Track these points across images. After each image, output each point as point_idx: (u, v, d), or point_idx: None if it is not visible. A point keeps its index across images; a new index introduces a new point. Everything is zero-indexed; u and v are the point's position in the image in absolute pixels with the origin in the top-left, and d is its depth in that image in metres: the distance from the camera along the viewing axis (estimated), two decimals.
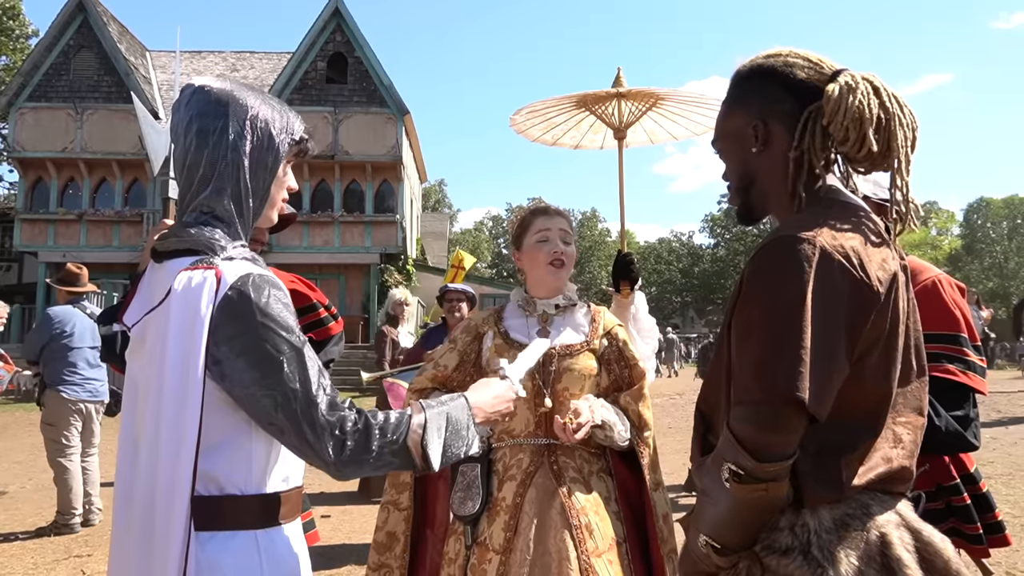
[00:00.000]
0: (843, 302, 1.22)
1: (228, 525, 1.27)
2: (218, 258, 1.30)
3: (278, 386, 1.22)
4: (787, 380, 1.17)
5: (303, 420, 1.22)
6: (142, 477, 1.27)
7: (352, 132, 22.19)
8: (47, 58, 21.93)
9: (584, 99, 3.16)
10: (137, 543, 1.27)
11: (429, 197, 54.31)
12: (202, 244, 1.32)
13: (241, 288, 1.26)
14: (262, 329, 1.24)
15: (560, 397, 2.19)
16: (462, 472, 2.20)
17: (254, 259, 1.36)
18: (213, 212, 1.35)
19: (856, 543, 1.23)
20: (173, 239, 1.36)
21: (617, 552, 2.07)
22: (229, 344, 1.23)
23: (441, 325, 5.55)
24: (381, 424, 1.27)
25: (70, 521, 5.58)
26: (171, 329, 1.25)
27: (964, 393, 2.23)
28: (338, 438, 1.23)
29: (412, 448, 1.29)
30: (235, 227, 1.37)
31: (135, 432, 1.33)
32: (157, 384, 1.26)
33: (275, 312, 1.26)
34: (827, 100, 1.31)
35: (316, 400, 1.23)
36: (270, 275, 1.33)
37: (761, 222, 1.53)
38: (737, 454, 1.21)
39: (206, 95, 1.37)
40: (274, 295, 1.28)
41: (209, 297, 1.24)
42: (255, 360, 1.23)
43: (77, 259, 19.91)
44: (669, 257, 59.91)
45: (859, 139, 1.31)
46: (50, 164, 21.79)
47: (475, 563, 2.07)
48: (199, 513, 1.24)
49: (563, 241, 2.30)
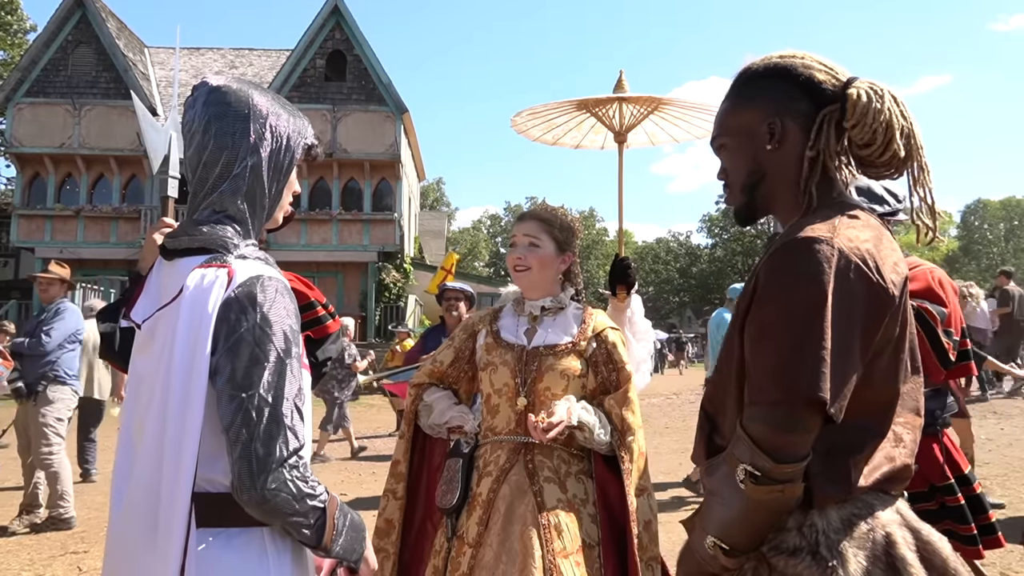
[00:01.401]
0: (860, 304, 1.23)
1: (233, 522, 1.26)
2: (231, 256, 1.31)
3: (249, 390, 1.21)
4: (808, 381, 1.17)
5: (259, 439, 1.19)
6: (144, 473, 1.27)
7: (351, 130, 22.16)
8: (45, 53, 21.87)
9: (585, 102, 3.17)
10: (136, 539, 1.27)
11: (427, 195, 54.32)
12: (215, 242, 1.32)
13: (249, 288, 1.26)
14: (257, 331, 1.24)
15: (542, 396, 2.21)
16: (447, 466, 2.27)
17: (267, 260, 1.37)
18: (226, 211, 1.36)
19: (863, 542, 1.24)
20: (185, 237, 1.36)
21: (587, 554, 2.08)
22: (224, 340, 1.23)
23: (440, 325, 5.55)
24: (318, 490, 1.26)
25: (66, 515, 5.60)
26: (180, 326, 1.25)
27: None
28: (282, 475, 1.20)
29: (328, 518, 1.27)
30: (247, 226, 1.38)
31: (134, 428, 1.34)
32: (164, 380, 1.26)
33: (275, 318, 1.26)
34: (853, 104, 1.33)
35: (283, 420, 1.22)
36: (281, 280, 1.33)
37: (758, 222, 1.53)
38: (754, 455, 1.21)
39: (225, 96, 1.37)
40: (280, 301, 1.28)
41: (219, 295, 1.25)
42: (238, 359, 1.22)
43: (74, 255, 19.93)
44: (667, 257, 59.87)
45: (884, 144, 1.33)
46: (47, 160, 21.73)
47: (454, 555, 2.13)
48: (203, 510, 1.24)
49: (531, 244, 2.30)
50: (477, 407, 2.38)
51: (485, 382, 2.30)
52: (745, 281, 1.43)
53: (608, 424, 2.20)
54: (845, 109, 1.34)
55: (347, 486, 7.36)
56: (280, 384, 1.24)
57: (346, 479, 7.77)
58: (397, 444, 2.42)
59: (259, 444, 1.19)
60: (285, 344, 1.26)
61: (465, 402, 2.43)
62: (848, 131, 1.35)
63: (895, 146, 1.33)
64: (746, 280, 1.39)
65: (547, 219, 2.34)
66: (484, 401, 2.31)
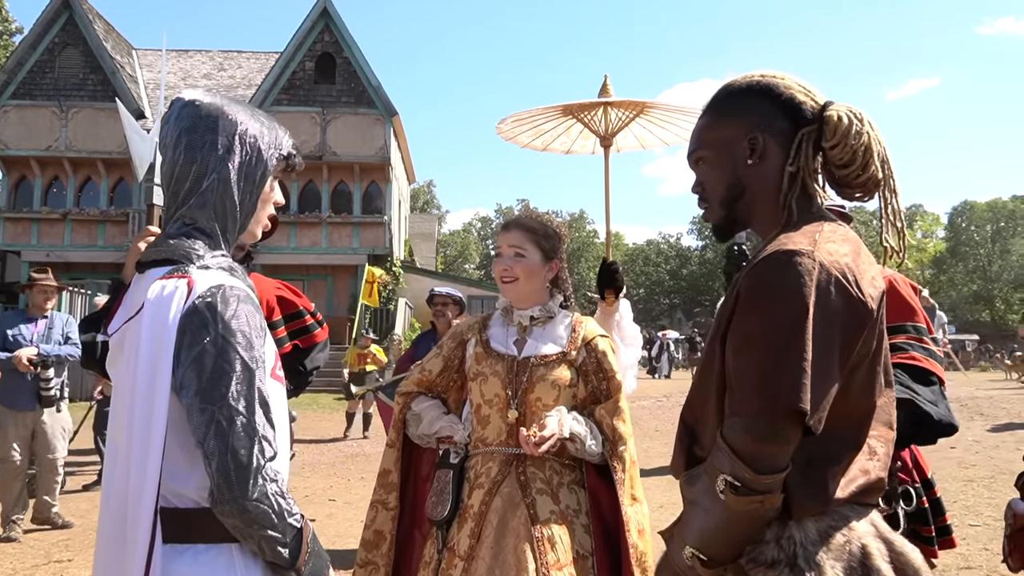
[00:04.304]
0: (840, 318, 1.24)
1: (201, 538, 1.25)
2: (193, 267, 1.30)
3: (219, 402, 1.20)
4: (789, 392, 1.18)
5: (233, 449, 1.19)
6: (115, 487, 1.28)
7: (340, 133, 22.10)
8: (31, 56, 21.69)
9: (571, 107, 3.16)
10: (107, 553, 1.28)
11: (418, 198, 54.21)
12: (179, 254, 1.32)
13: (209, 298, 1.25)
14: (220, 341, 1.23)
15: (533, 407, 2.19)
16: (437, 477, 2.25)
17: (231, 269, 1.35)
18: (195, 224, 1.36)
19: (840, 554, 1.25)
20: (153, 249, 1.37)
21: (581, 566, 2.08)
22: (187, 352, 1.22)
23: (430, 331, 5.53)
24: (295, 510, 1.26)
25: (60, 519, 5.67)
26: (142, 339, 1.25)
27: (927, 377, 2.31)
28: (263, 487, 1.20)
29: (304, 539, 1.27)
30: (217, 239, 1.37)
31: (116, 441, 1.34)
32: (131, 393, 1.26)
33: (237, 327, 1.25)
34: (836, 126, 1.36)
35: (256, 428, 1.21)
36: (243, 289, 1.32)
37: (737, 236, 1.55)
38: (734, 465, 1.21)
39: (196, 109, 1.38)
40: (242, 310, 1.27)
41: (178, 306, 1.24)
42: (203, 371, 1.21)
43: (61, 258, 19.78)
44: (657, 259, 60.08)
45: (863, 165, 1.37)
46: (34, 162, 21.56)
47: (444, 567, 2.11)
48: (169, 526, 1.23)
49: (517, 254, 2.28)
50: (466, 416, 2.37)
51: (475, 392, 2.28)
52: (725, 294, 1.45)
53: (599, 434, 2.19)
54: (823, 130, 1.38)
55: (336, 491, 7.33)
56: (249, 393, 1.23)
57: (335, 484, 7.73)
58: (386, 453, 2.39)
59: (234, 455, 1.19)
60: (250, 352, 1.25)
61: (454, 411, 2.41)
62: (827, 151, 1.38)
63: (873, 168, 1.37)
64: (726, 291, 1.40)
65: (532, 227, 2.32)
66: (474, 411, 2.29)
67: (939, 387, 2.31)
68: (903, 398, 2.20)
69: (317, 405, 14.61)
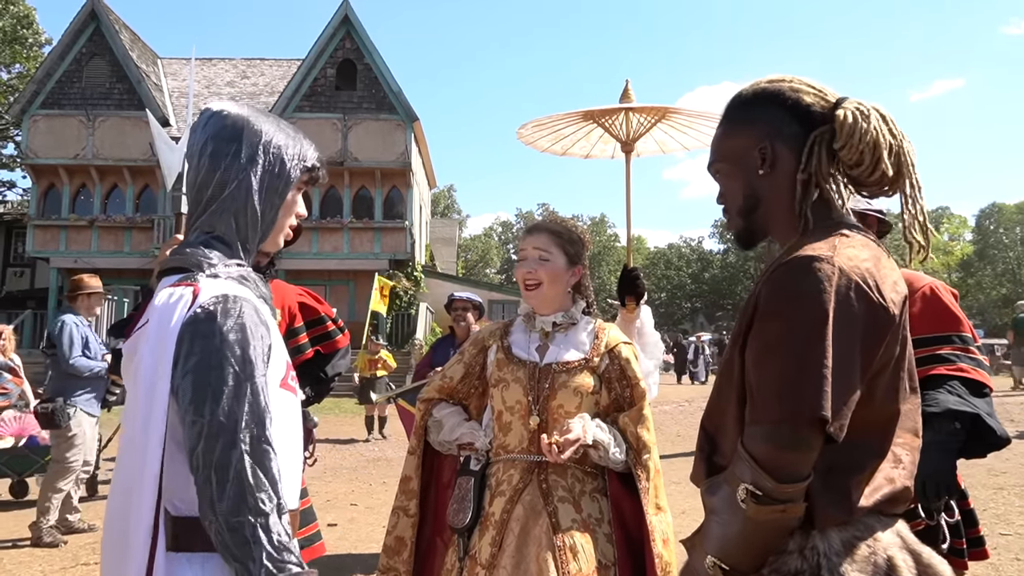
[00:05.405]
0: (861, 323, 1.23)
1: (209, 547, 1.21)
2: (202, 275, 1.30)
3: (207, 415, 1.18)
4: (811, 399, 1.17)
5: (215, 465, 1.16)
6: (118, 492, 1.29)
7: (361, 138, 22.25)
8: (60, 66, 22.11)
9: (591, 113, 3.15)
10: (111, 559, 1.29)
11: (438, 203, 54.44)
12: (192, 262, 1.32)
13: (211, 308, 1.23)
14: (216, 354, 1.20)
15: (555, 414, 2.18)
16: (458, 484, 2.24)
17: (242, 278, 1.34)
18: (214, 232, 1.37)
19: (864, 566, 1.23)
20: (170, 258, 1.38)
21: (604, 575, 2.06)
22: (184, 361, 1.21)
23: (449, 336, 5.53)
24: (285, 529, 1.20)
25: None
26: (147, 345, 1.25)
27: (979, 389, 2.27)
28: (245, 504, 1.15)
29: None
30: (236, 248, 1.37)
31: (123, 447, 1.36)
32: (134, 400, 1.27)
33: (236, 339, 1.22)
34: (841, 125, 1.33)
35: (240, 446, 1.17)
36: (251, 299, 1.30)
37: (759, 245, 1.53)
38: (756, 474, 1.20)
39: (223, 119, 1.40)
40: (244, 323, 1.24)
41: (181, 314, 1.23)
42: (197, 382, 1.19)
43: (88, 265, 20.06)
44: (679, 263, 59.76)
45: (873, 163, 1.33)
46: (62, 171, 21.96)
47: (466, 575, 2.09)
48: (176, 533, 1.22)
49: (541, 257, 2.26)
50: (487, 423, 2.36)
51: (497, 399, 2.27)
52: (745, 301, 1.43)
53: (623, 442, 2.17)
54: (835, 130, 1.35)
55: (357, 495, 7.36)
56: (239, 407, 1.19)
57: (356, 488, 7.77)
58: (407, 460, 2.40)
59: (217, 470, 1.16)
60: (245, 366, 1.21)
61: (475, 418, 2.40)
62: (838, 152, 1.35)
63: (883, 165, 1.33)
64: (746, 299, 1.39)
65: (557, 231, 2.31)
66: (495, 418, 2.28)
67: (990, 398, 2.27)
68: (969, 412, 2.17)
69: (339, 410, 14.67)
